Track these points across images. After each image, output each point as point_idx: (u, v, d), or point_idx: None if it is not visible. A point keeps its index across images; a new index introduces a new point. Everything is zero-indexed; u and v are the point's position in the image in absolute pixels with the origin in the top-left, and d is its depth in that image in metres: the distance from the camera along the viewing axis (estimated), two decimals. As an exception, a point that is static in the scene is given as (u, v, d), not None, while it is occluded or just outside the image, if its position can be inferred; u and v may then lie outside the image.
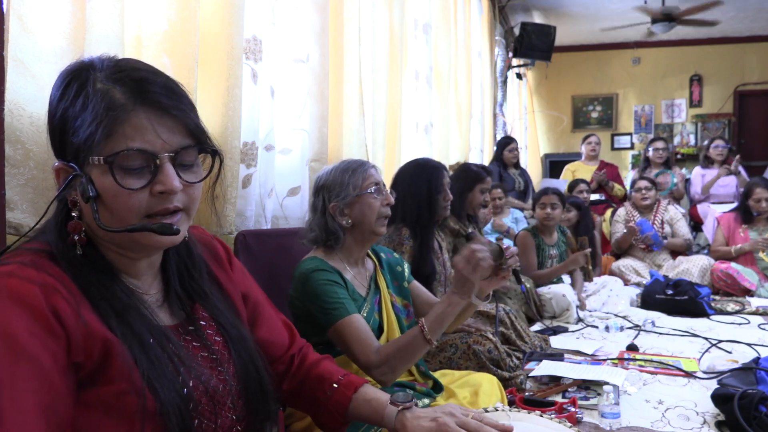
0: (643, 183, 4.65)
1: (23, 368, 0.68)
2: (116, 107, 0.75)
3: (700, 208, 5.51)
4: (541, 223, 3.61)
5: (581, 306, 3.45)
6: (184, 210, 0.82)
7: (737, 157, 5.52)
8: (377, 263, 1.71)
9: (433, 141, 3.91)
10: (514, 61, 6.81)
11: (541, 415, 1.11)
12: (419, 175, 2.30)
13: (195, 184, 0.83)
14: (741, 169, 5.49)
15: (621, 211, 4.75)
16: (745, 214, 4.28)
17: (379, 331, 1.60)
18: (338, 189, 1.59)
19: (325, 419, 1.09)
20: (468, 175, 2.87)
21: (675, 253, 4.57)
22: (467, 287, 1.43)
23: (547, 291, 3.35)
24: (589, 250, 3.47)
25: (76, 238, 0.79)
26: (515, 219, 4.54)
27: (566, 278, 3.69)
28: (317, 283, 1.48)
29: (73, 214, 0.80)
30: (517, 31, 6.53)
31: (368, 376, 1.42)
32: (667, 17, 6.70)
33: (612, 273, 4.34)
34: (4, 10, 1.13)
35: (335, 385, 1.08)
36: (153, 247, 0.83)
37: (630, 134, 8.43)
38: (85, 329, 0.73)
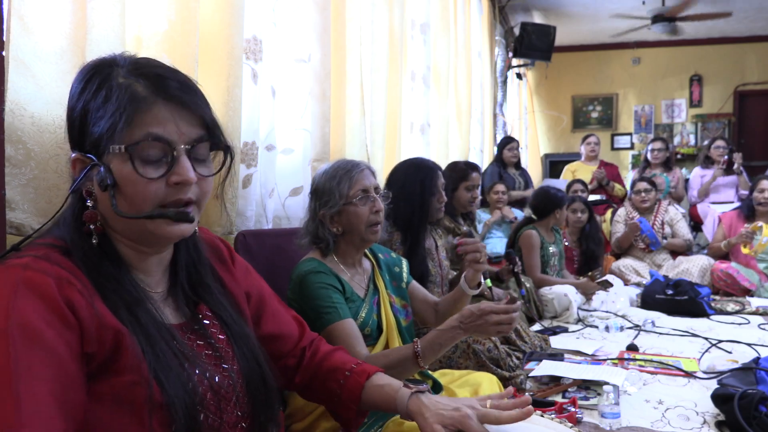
0: (643, 185, 4.63)
1: (39, 356, 0.69)
2: (139, 99, 0.79)
3: (700, 208, 5.50)
4: (557, 224, 3.69)
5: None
6: (196, 203, 0.85)
7: (739, 154, 5.47)
8: (375, 264, 1.71)
9: (433, 141, 3.90)
10: (514, 61, 6.80)
11: (542, 415, 1.11)
12: (413, 176, 2.26)
13: (207, 178, 0.86)
14: (741, 169, 5.47)
15: (621, 211, 4.75)
16: (749, 210, 4.27)
17: (378, 331, 1.60)
18: (326, 197, 1.57)
19: (341, 410, 1.07)
20: (453, 173, 2.84)
21: (675, 253, 4.57)
22: (477, 333, 1.40)
23: (549, 291, 3.36)
24: (610, 287, 3.51)
25: (92, 227, 0.82)
26: (516, 218, 4.54)
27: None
28: (313, 286, 1.48)
29: (89, 203, 0.82)
30: (517, 31, 6.53)
31: None
32: (667, 17, 6.69)
33: (612, 273, 4.34)
34: (5, 10, 1.13)
35: (348, 373, 1.06)
36: (165, 239, 0.85)
37: (630, 134, 8.42)
38: (98, 320, 0.75)
